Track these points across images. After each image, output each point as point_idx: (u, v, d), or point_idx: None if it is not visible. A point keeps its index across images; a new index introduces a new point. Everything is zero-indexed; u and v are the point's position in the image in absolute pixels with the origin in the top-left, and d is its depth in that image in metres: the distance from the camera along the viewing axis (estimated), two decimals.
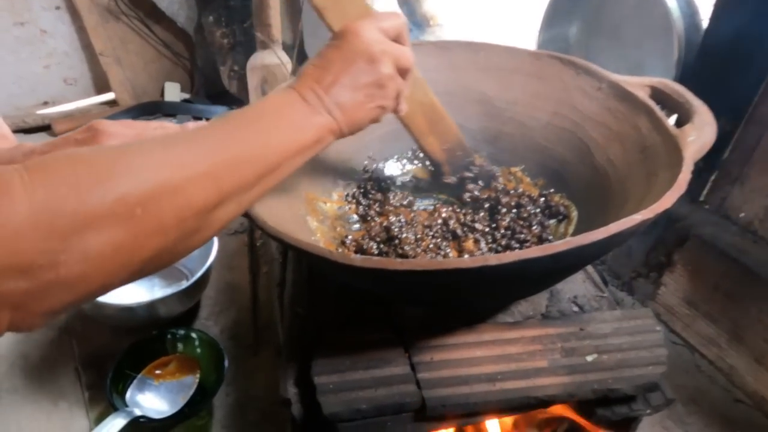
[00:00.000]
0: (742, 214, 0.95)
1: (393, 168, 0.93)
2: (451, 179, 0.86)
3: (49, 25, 1.81)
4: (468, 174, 0.86)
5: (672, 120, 0.72)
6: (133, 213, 0.33)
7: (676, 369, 1.00)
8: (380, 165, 0.92)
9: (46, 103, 1.92)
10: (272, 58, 1.50)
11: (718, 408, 0.93)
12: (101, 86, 1.98)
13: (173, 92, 2.00)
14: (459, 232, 0.77)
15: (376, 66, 0.51)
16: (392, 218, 0.81)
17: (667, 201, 0.55)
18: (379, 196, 0.86)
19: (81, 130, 0.54)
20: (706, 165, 0.97)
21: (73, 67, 1.90)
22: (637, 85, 0.76)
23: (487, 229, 0.78)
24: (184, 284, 1.01)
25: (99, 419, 0.89)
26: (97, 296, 0.35)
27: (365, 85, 0.51)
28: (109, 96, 1.97)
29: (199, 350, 0.98)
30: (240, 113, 0.44)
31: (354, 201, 0.86)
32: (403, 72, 0.55)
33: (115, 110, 1.90)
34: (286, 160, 0.45)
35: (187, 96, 2.04)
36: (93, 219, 0.31)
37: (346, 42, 0.51)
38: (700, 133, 0.65)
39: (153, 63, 1.94)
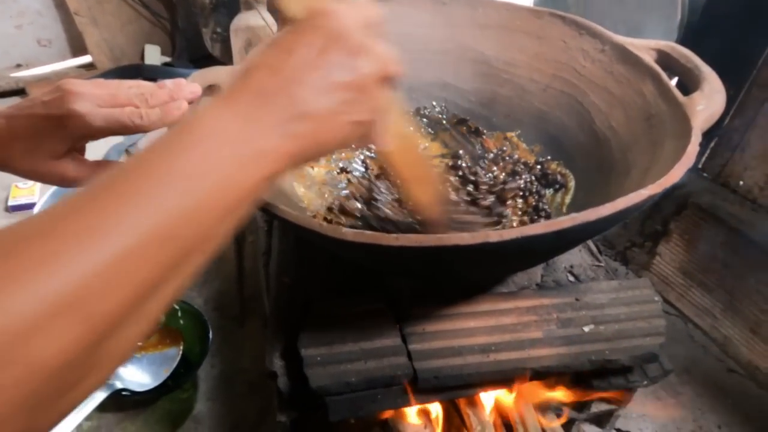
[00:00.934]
0: (742, 182, 0.93)
1: None
2: None
3: None
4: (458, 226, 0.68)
5: (673, 82, 0.69)
6: None
7: (670, 340, 0.97)
8: None
9: (19, 66, 1.84)
10: (257, 19, 1.44)
11: (711, 378, 0.93)
12: (77, 48, 1.89)
13: (153, 55, 1.92)
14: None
15: (358, 59, 0.35)
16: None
17: (676, 173, 0.52)
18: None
19: (49, 91, 0.50)
20: (706, 132, 0.94)
21: (46, 28, 1.81)
22: (643, 48, 0.73)
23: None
24: None
25: None
26: None
27: (341, 85, 0.34)
28: (86, 59, 1.89)
29: (182, 321, 0.95)
30: (141, 160, 0.27)
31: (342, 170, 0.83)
32: (387, 82, 0.38)
33: (92, 73, 1.84)
34: (219, 222, 0.29)
35: (168, 59, 1.97)
36: None
37: (316, 23, 0.35)
38: (709, 101, 0.62)
39: (131, 24, 1.86)
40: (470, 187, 0.77)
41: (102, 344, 0.23)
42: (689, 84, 0.66)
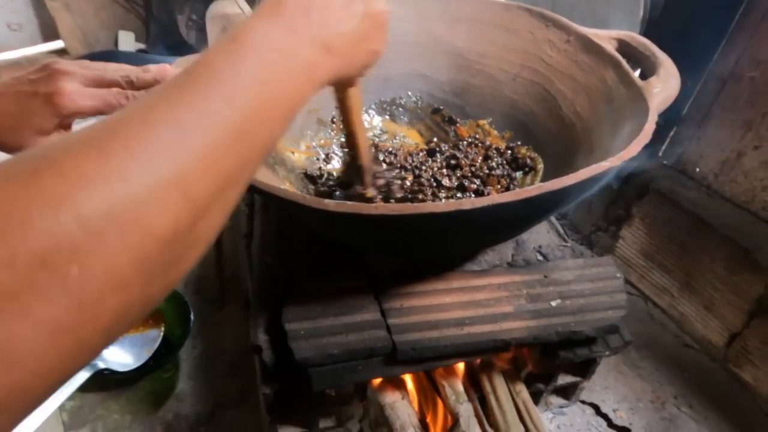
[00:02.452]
0: (698, 169, 0.98)
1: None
2: (371, 192, 0.73)
3: None
4: (382, 182, 0.74)
5: (636, 74, 0.73)
6: (66, 274, 0.21)
7: (631, 318, 1.04)
8: None
9: None
10: (233, 7, 1.44)
11: (668, 353, 0.98)
12: (49, 33, 1.86)
13: (127, 42, 1.90)
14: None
15: None
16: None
17: (634, 149, 0.56)
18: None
19: (35, 70, 0.51)
20: (665, 121, 0.99)
21: (17, 11, 1.78)
22: (605, 38, 0.77)
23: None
24: None
25: None
26: (52, 393, 0.23)
27: (364, 17, 0.40)
28: (58, 44, 1.86)
29: (163, 304, 0.97)
30: (205, 65, 0.29)
31: (322, 155, 0.85)
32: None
33: (65, 59, 1.81)
34: (277, 122, 0.32)
35: (142, 46, 1.95)
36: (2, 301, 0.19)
37: None
38: (665, 85, 0.66)
39: (104, 9, 1.84)
40: (458, 172, 0.81)
41: (197, 223, 0.26)
42: (647, 70, 0.71)
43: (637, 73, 0.73)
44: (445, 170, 0.80)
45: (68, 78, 0.49)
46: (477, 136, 0.89)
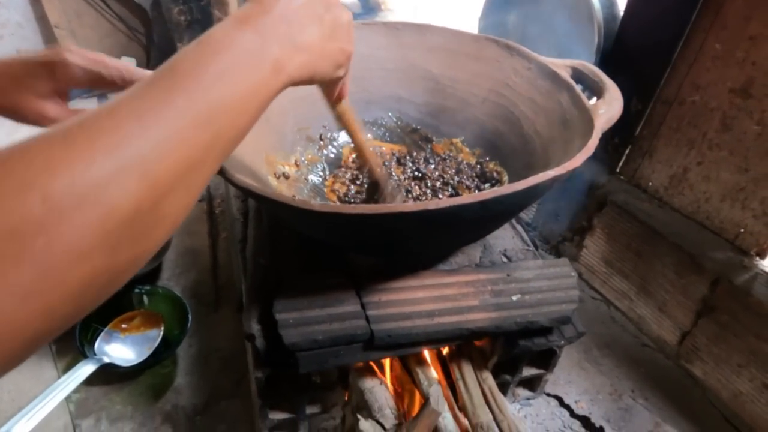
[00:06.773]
0: (651, 183, 1.09)
1: (346, 137, 1.01)
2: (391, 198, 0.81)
3: None
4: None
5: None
6: (33, 245, 0.23)
7: (595, 321, 1.13)
8: (335, 134, 1.00)
9: None
10: None
11: (628, 351, 1.07)
12: None
13: None
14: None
15: (335, 7, 0.46)
16: None
17: (577, 161, 0.66)
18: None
19: (46, 48, 0.56)
20: (621, 140, 1.10)
21: (26, 39, 1.87)
22: (561, 65, 0.87)
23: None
24: None
25: (66, 369, 0.95)
26: (26, 354, 0.26)
27: (328, 20, 0.45)
28: None
29: (163, 306, 1.05)
30: (176, 64, 0.33)
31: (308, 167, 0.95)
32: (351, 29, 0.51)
33: None
34: (241, 114, 0.35)
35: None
36: None
37: None
38: (608, 107, 0.76)
39: (108, 37, 1.94)
40: (429, 183, 0.90)
41: (160, 203, 0.29)
42: (596, 94, 0.81)
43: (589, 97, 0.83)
44: (412, 183, 0.90)
45: (73, 54, 0.55)
46: (450, 152, 0.99)
